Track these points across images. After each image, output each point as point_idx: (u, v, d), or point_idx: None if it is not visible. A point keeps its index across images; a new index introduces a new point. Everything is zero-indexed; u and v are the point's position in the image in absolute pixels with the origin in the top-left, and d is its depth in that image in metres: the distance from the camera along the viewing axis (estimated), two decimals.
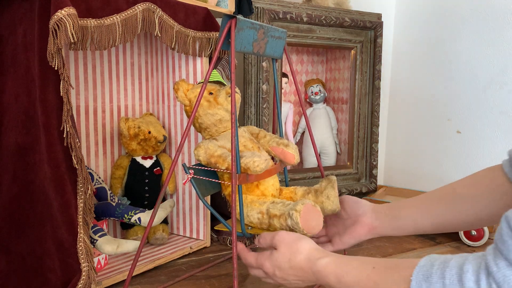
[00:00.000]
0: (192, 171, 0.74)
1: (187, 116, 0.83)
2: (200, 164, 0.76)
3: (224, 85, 0.83)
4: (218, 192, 1.03)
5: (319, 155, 1.44)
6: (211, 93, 0.79)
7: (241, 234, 0.74)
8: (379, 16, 1.38)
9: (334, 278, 0.57)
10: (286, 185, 0.89)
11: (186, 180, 0.73)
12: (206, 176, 0.76)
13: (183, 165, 0.73)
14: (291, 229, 0.69)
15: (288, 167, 1.38)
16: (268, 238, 0.66)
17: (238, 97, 0.79)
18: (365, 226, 0.75)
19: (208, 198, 1.00)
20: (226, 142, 0.77)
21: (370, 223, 0.74)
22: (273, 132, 0.94)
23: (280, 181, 0.85)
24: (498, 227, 0.45)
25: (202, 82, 0.83)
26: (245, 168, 0.70)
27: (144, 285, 0.81)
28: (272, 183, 0.79)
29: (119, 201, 0.90)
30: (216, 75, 0.84)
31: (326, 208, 0.77)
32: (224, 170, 0.73)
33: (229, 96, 0.78)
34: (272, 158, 0.86)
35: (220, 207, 1.06)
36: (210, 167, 0.75)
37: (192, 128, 0.99)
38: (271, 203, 0.72)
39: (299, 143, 1.47)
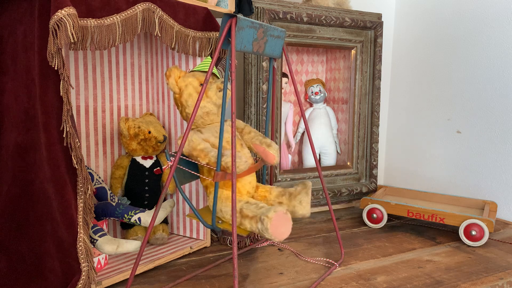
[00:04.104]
0: (173, 158, 0.74)
1: (176, 104, 0.83)
2: (182, 154, 0.77)
3: (218, 77, 0.84)
4: None
5: (319, 155, 1.44)
6: (201, 85, 0.80)
7: (210, 226, 0.76)
8: (379, 16, 1.38)
9: None
10: (263, 183, 0.90)
11: (166, 167, 0.76)
12: (187, 166, 0.78)
13: (166, 152, 0.75)
14: (260, 233, 0.70)
15: (290, 167, 1.38)
16: None
17: (229, 93, 0.80)
18: None
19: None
20: (210, 136, 0.78)
21: None
22: (273, 132, 0.94)
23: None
24: None
25: (193, 70, 0.83)
26: (225, 167, 0.71)
27: (144, 285, 0.81)
28: (249, 181, 0.80)
29: (119, 201, 0.90)
30: (207, 63, 0.84)
31: (297, 213, 0.80)
32: (204, 164, 0.75)
33: (219, 91, 0.79)
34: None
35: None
36: (191, 159, 0.76)
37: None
38: (245, 203, 0.74)
39: (300, 143, 1.47)
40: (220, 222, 0.76)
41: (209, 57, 0.87)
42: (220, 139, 0.70)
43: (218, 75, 0.85)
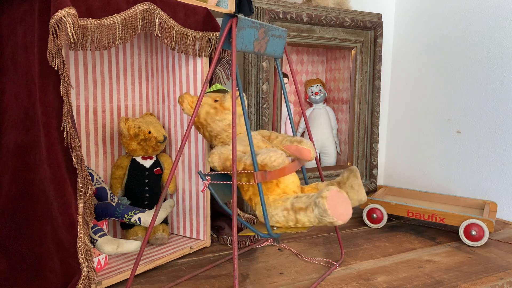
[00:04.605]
0: (209, 177, 0.72)
1: (196, 127, 0.84)
2: (215, 170, 0.75)
3: (226, 91, 0.84)
4: None
5: (320, 155, 1.44)
6: (216, 101, 0.80)
7: (268, 235, 0.71)
8: (379, 16, 1.38)
9: None
10: (306, 183, 0.87)
11: (204, 187, 0.72)
12: (224, 181, 0.75)
13: (199, 173, 0.72)
14: (320, 220, 0.65)
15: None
16: None
17: (243, 98, 0.79)
18: None
19: (208, 200, 1.00)
20: (238, 146, 0.77)
21: None
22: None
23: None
24: None
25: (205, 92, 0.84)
26: (263, 165, 0.68)
27: (144, 285, 0.81)
28: (292, 180, 0.77)
29: (119, 201, 0.90)
30: (217, 86, 0.84)
31: (352, 199, 0.76)
32: (241, 171, 0.71)
33: (236, 99, 0.79)
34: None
35: (222, 208, 1.06)
36: (226, 171, 0.73)
37: (192, 128, 0.99)
38: (294, 198, 0.70)
39: None
40: (275, 228, 0.72)
41: (217, 84, 0.87)
42: (251, 142, 0.67)
43: (226, 90, 0.84)
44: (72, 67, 0.91)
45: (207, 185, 0.72)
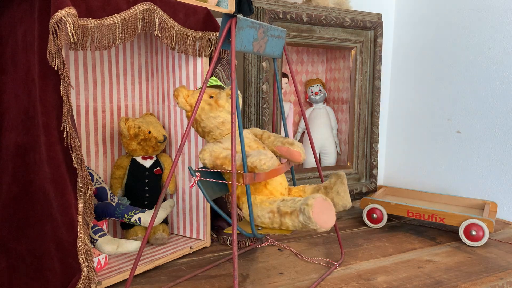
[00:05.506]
0: (199, 173, 0.73)
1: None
2: (206, 167, 0.76)
3: (223, 88, 0.84)
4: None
5: (319, 155, 1.44)
6: (211, 97, 0.80)
7: (252, 235, 0.73)
8: (379, 16, 1.38)
9: None
10: (294, 185, 0.88)
11: (193, 183, 0.73)
12: (213, 179, 0.76)
13: (189, 168, 0.73)
14: (304, 225, 0.67)
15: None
16: None
17: (239, 98, 0.79)
18: None
19: None
20: (230, 144, 0.77)
21: None
22: (273, 132, 0.94)
23: (288, 181, 0.85)
24: None
25: (200, 88, 0.84)
26: (252, 167, 0.69)
27: (144, 285, 0.81)
28: (280, 182, 0.78)
29: (119, 201, 0.90)
30: (214, 80, 0.84)
31: (337, 204, 0.77)
32: (231, 171, 0.73)
33: (230, 98, 0.79)
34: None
35: (221, 208, 1.06)
36: (216, 169, 0.74)
37: (192, 128, 0.99)
38: (281, 201, 0.71)
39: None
40: (260, 228, 0.74)
41: (214, 77, 0.87)
42: (242, 142, 0.68)
43: (224, 86, 0.84)
44: (72, 67, 0.91)
45: (196, 182, 0.73)
